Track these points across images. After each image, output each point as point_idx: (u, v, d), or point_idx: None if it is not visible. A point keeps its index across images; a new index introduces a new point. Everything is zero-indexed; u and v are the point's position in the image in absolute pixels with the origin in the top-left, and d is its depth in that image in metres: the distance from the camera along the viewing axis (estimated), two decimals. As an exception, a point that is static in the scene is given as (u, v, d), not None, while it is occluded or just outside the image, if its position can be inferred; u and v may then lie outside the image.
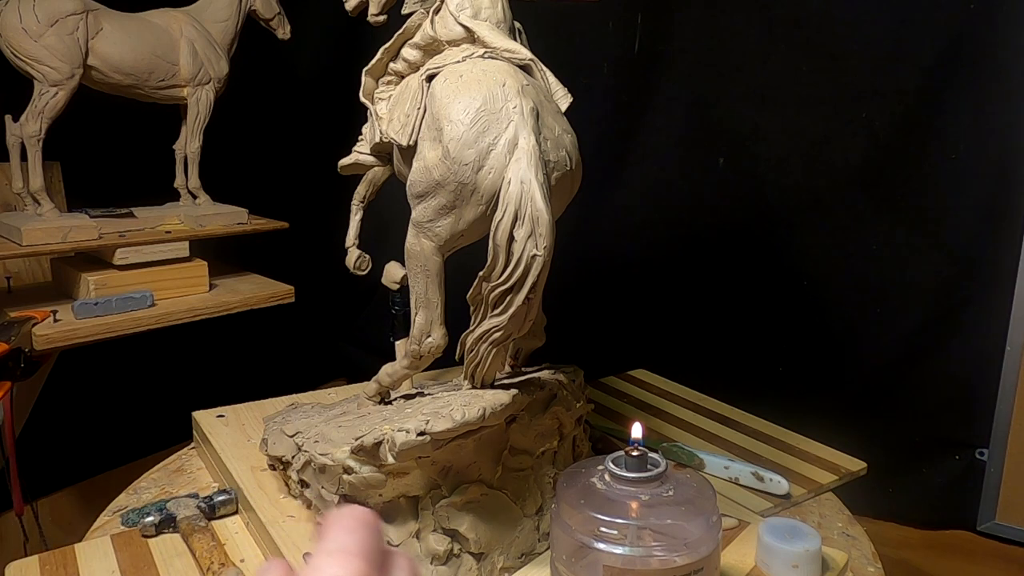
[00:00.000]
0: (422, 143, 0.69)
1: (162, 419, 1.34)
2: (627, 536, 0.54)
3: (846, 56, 1.26)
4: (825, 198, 1.33)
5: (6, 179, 1.32)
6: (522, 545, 0.71)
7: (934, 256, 1.23)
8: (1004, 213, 1.16)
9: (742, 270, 1.43)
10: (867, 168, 1.28)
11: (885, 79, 1.23)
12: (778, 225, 1.39)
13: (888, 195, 1.27)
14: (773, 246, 1.39)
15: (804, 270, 1.36)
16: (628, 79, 1.53)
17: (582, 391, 0.82)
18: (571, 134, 0.70)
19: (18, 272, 1.41)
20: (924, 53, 1.19)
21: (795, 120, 1.34)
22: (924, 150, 1.22)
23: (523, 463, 0.73)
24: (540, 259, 0.61)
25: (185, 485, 0.90)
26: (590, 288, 1.60)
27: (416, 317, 0.73)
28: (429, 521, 0.67)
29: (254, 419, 0.97)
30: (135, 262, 1.27)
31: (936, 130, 1.20)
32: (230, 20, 1.47)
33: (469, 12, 0.74)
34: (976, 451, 1.21)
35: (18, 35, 1.19)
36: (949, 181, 1.20)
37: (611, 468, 0.57)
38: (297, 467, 0.75)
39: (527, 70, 0.71)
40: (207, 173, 1.48)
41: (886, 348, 1.28)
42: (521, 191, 0.61)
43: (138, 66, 1.33)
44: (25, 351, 1.10)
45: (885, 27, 1.22)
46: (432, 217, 0.68)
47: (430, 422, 0.62)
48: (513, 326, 0.65)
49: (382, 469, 0.65)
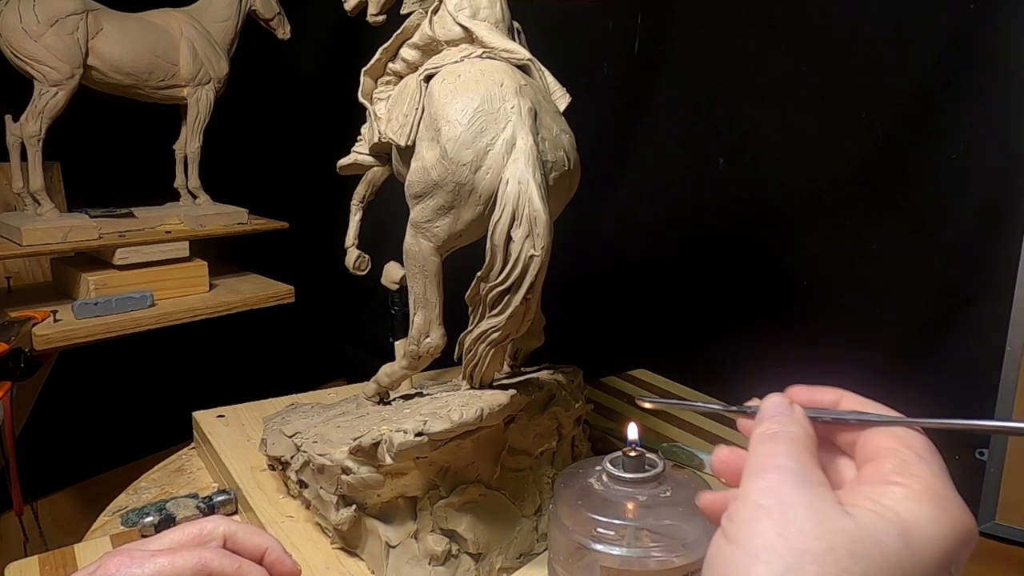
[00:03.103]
0: (420, 143, 0.69)
1: (162, 419, 1.34)
2: (625, 537, 0.54)
3: (846, 56, 1.26)
4: (825, 198, 1.33)
5: (6, 179, 1.32)
6: (520, 545, 0.71)
7: (934, 256, 1.23)
8: (1004, 213, 1.16)
9: (742, 270, 1.43)
10: (867, 168, 1.28)
11: (885, 79, 1.23)
12: (778, 225, 1.39)
13: (888, 195, 1.26)
14: (773, 246, 1.39)
15: (804, 270, 1.35)
16: (628, 79, 1.53)
17: (581, 391, 0.82)
18: (569, 134, 0.70)
19: (18, 272, 1.41)
20: (924, 53, 1.19)
21: (795, 120, 1.33)
22: (924, 150, 1.21)
23: (522, 463, 0.73)
24: (538, 259, 0.61)
25: (185, 485, 0.90)
26: (590, 288, 1.59)
27: (415, 317, 0.73)
28: (427, 521, 0.67)
29: (254, 419, 0.97)
30: (135, 262, 1.27)
31: (936, 130, 1.20)
32: (230, 20, 1.47)
33: (467, 12, 0.74)
34: (976, 451, 1.21)
35: (18, 35, 1.19)
36: (949, 181, 1.20)
37: (609, 469, 0.57)
38: (296, 467, 0.75)
39: (525, 70, 0.71)
40: (207, 173, 1.49)
41: (886, 348, 1.28)
42: (519, 191, 0.61)
43: (138, 66, 1.33)
44: (25, 351, 1.11)
45: (885, 27, 1.22)
46: (430, 217, 0.68)
47: (428, 422, 0.62)
48: (511, 326, 0.65)
49: (380, 469, 0.65)
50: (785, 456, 0.32)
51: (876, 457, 0.33)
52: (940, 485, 0.31)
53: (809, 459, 0.32)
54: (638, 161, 1.55)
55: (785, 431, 0.34)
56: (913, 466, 0.32)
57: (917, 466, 0.32)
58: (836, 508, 0.30)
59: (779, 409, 0.36)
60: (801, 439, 0.33)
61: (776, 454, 0.32)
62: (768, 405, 0.37)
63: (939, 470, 0.32)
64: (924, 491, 0.30)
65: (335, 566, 0.69)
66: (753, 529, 0.29)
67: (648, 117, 1.52)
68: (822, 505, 0.30)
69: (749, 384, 0.41)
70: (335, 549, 0.71)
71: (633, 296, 1.57)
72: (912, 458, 0.32)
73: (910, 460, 0.32)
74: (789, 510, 0.29)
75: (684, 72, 1.47)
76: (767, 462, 0.32)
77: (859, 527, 0.29)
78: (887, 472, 0.32)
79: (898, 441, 0.33)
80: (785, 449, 0.32)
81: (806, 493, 0.30)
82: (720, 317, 1.47)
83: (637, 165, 1.55)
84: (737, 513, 0.31)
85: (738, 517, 0.31)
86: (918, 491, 0.30)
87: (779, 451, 0.32)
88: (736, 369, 1.41)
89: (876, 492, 0.31)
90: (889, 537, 0.29)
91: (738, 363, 1.43)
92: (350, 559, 0.70)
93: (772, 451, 0.33)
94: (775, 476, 0.31)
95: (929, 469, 0.32)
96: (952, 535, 0.30)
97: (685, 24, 1.45)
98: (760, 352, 1.41)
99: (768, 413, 0.36)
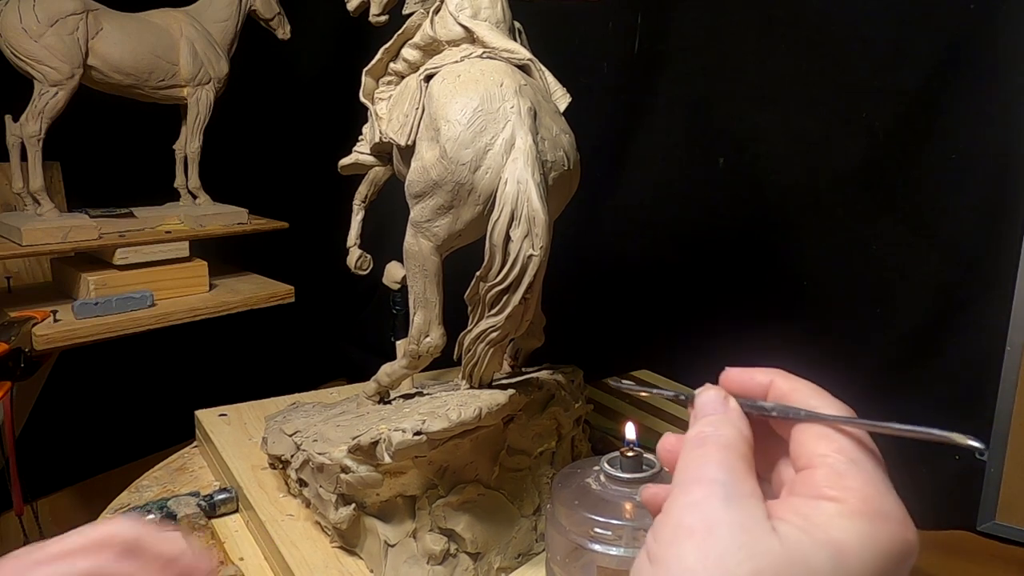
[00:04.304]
0: (420, 143, 0.69)
1: (162, 419, 1.34)
2: (622, 537, 0.54)
3: (846, 56, 1.26)
4: (825, 198, 1.33)
5: (6, 179, 1.32)
6: (519, 545, 0.71)
7: (934, 256, 1.23)
8: (1004, 213, 1.16)
9: (742, 270, 1.43)
10: (867, 168, 1.27)
11: (885, 79, 1.23)
12: (778, 225, 1.39)
13: (888, 195, 1.26)
14: (773, 246, 1.39)
15: (804, 270, 1.35)
16: (628, 79, 1.53)
17: (581, 392, 0.82)
18: (569, 134, 0.70)
19: (18, 272, 1.41)
20: (924, 53, 1.19)
21: (795, 120, 1.33)
22: (924, 150, 1.21)
23: (521, 463, 0.73)
24: (536, 259, 0.61)
25: (187, 483, 0.90)
26: (591, 288, 1.59)
27: (415, 317, 0.73)
28: (426, 521, 0.67)
29: (256, 418, 0.97)
30: (135, 262, 1.27)
31: (936, 130, 1.20)
32: (230, 20, 1.47)
33: (468, 12, 0.74)
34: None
35: (18, 35, 1.19)
36: (949, 181, 1.20)
37: (606, 469, 0.57)
38: (296, 466, 0.75)
39: (526, 70, 0.71)
40: (207, 173, 1.49)
41: (885, 348, 1.28)
42: (517, 191, 0.61)
43: (138, 66, 1.33)
44: (25, 351, 1.11)
45: (885, 27, 1.22)
46: (430, 217, 0.68)
47: (426, 422, 0.63)
48: (510, 326, 0.65)
49: (379, 469, 0.65)
50: (715, 465, 0.30)
51: (808, 465, 0.31)
52: (875, 496, 0.29)
53: (741, 466, 0.30)
54: (638, 161, 1.55)
55: (716, 435, 0.32)
56: (847, 476, 0.30)
57: (850, 476, 0.30)
58: (764, 526, 0.28)
59: (713, 407, 0.34)
60: (734, 443, 0.31)
61: (705, 463, 0.30)
62: (702, 402, 0.34)
63: (874, 478, 0.30)
64: (858, 506, 0.28)
65: (334, 565, 0.69)
66: (675, 551, 0.28)
67: (648, 117, 1.52)
68: (749, 523, 0.28)
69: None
70: (334, 548, 0.71)
71: (633, 296, 1.57)
72: (845, 467, 0.30)
73: (843, 470, 0.30)
74: (714, 530, 0.28)
75: (684, 72, 1.47)
76: (694, 473, 0.30)
77: (787, 549, 0.27)
78: (819, 483, 0.30)
79: (830, 444, 0.31)
80: (715, 457, 0.31)
81: (733, 509, 0.28)
82: (720, 317, 1.46)
83: (637, 165, 1.55)
84: (660, 530, 0.29)
85: (661, 535, 0.29)
86: (851, 507, 0.28)
87: (708, 459, 0.31)
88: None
89: (807, 508, 0.29)
90: (819, 560, 0.27)
91: (738, 363, 1.42)
92: (349, 558, 0.70)
93: (701, 460, 0.31)
94: (701, 491, 0.29)
95: (864, 478, 0.30)
96: (889, 553, 0.28)
97: (685, 24, 1.45)
98: (760, 352, 1.40)
99: (702, 411, 0.34)
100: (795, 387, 0.35)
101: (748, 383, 0.36)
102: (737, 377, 0.36)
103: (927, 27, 1.18)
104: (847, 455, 0.30)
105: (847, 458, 0.30)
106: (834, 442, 0.31)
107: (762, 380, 0.36)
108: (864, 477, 0.30)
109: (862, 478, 0.30)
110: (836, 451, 0.31)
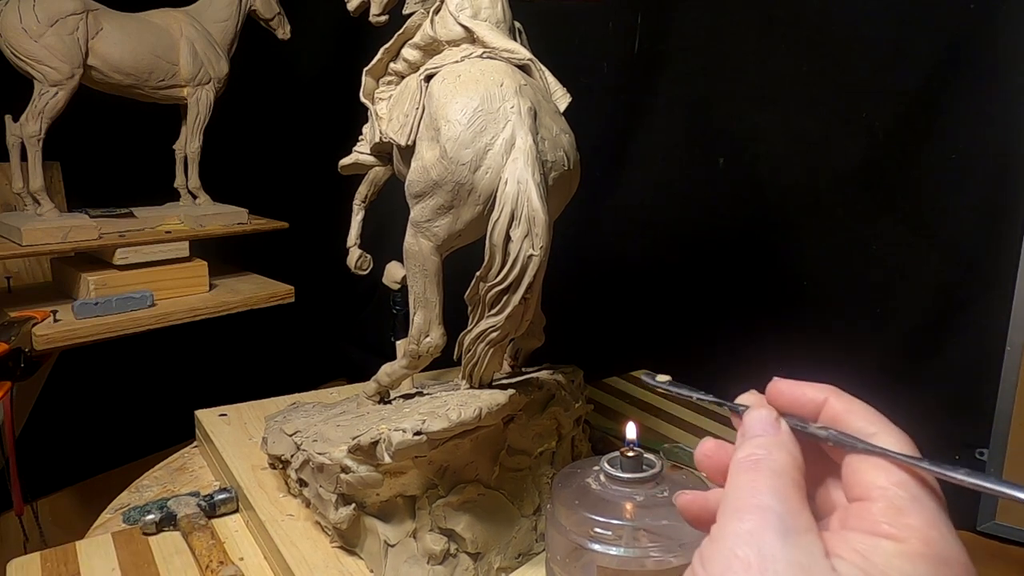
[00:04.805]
0: (420, 143, 0.69)
1: (162, 419, 1.34)
2: (622, 537, 0.54)
3: (846, 56, 1.26)
4: (825, 198, 1.33)
5: (6, 179, 1.32)
6: (519, 545, 0.71)
7: (934, 256, 1.23)
8: (1004, 213, 1.16)
9: (742, 270, 1.43)
10: (867, 168, 1.28)
11: (885, 79, 1.23)
12: (778, 225, 1.39)
13: (888, 195, 1.27)
14: (773, 246, 1.39)
15: (804, 270, 1.35)
16: (628, 79, 1.53)
17: (581, 391, 0.82)
18: (569, 134, 0.70)
19: (18, 272, 1.41)
20: (924, 53, 1.19)
21: (795, 120, 1.33)
22: (924, 150, 1.21)
23: (521, 463, 0.73)
24: (536, 259, 0.61)
25: (187, 483, 0.90)
26: (591, 288, 1.59)
27: (415, 317, 0.73)
28: (426, 521, 0.67)
29: (256, 418, 0.97)
30: (135, 262, 1.27)
31: (936, 130, 1.20)
32: (230, 20, 1.47)
33: (469, 12, 0.74)
34: (976, 451, 1.21)
35: (18, 35, 1.20)
36: (949, 181, 1.20)
37: (606, 469, 0.57)
38: (296, 466, 0.75)
39: (526, 70, 0.71)
40: (207, 173, 1.49)
41: (885, 348, 1.28)
42: (517, 191, 0.61)
43: (138, 66, 1.33)
44: (25, 351, 1.11)
45: (885, 27, 1.22)
46: (430, 217, 0.68)
47: (426, 422, 0.63)
48: (510, 326, 0.65)
49: (379, 469, 0.65)
50: (768, 493, 0.29)
51: (864, 496, 0.29)
52: (938, 539, 0.27)
53: (795, 495, 0.29)
54: (638, 161, 1.55)
55: (769, 460, 0.30)
56: (907, 514, 0.28)
57: (911, 514, 0.28)
58: (823, 565, 0.26)
59: (764, 427, 0.32)
60: (787, 470, 0.30)
61: (758, 490, 0.29)
62: (752, 421, 0.33)
63: (936, 518, 0.28)
64: (919, 548, 0.27)
65: (334, 565, 0.69)
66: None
67: (648, 117, 1.52)
68: (807, 561, 0.26)
69: (749, 384, 0.39)
70: (334, 548, 0.71)
71: (633, 296, 1.57)
72: (905, 503, 0.28)
73: (903, 506, 0.28)
74: (770, 566, 0.26)
75: (684, 72, 1.47)
76: (748, 500, 0.29)
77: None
78: (877, 518, 0.28)
79: (889, 477, 0.29)
80: (768, 484, 0.29)
81: (791, 546, 0.27)
82: (720, 317, 1.47)
83: (637, 165, 1.55)
84: (711, 558, 0.28)
85: (711, 564, 0.28)
86: (912, 548, 0.27)
87: (761, 486, 0.29)
88: (736, 369, 1.41)
89: (865, 545, 0.27)
90: None
91: (738, 363, 1.42)
92: (349, 558, 0.70)
93: (754, 486, 0.29)
94: (755, 519, 0.28)
95: (925, 518, 0.28)
96: None
97: (685, 24, 1.45)
98: (760, 351, 1.41)
99: (751, 431, 0.32)
100: (851, 408, 0.33)
101: (800, 398, 0.34)
102: (788, 391, 0.34)
103: (927, 27, 1.18)
104: (907, 490, 0.29)
105: (908, 494, 0.29)
106: (893, 475, 0.29)
107: (814, 397, 0.34)
108: (926, 517, 0.28)
109: (923, 517, 0.28)
110: (896, 484, 0.29)
